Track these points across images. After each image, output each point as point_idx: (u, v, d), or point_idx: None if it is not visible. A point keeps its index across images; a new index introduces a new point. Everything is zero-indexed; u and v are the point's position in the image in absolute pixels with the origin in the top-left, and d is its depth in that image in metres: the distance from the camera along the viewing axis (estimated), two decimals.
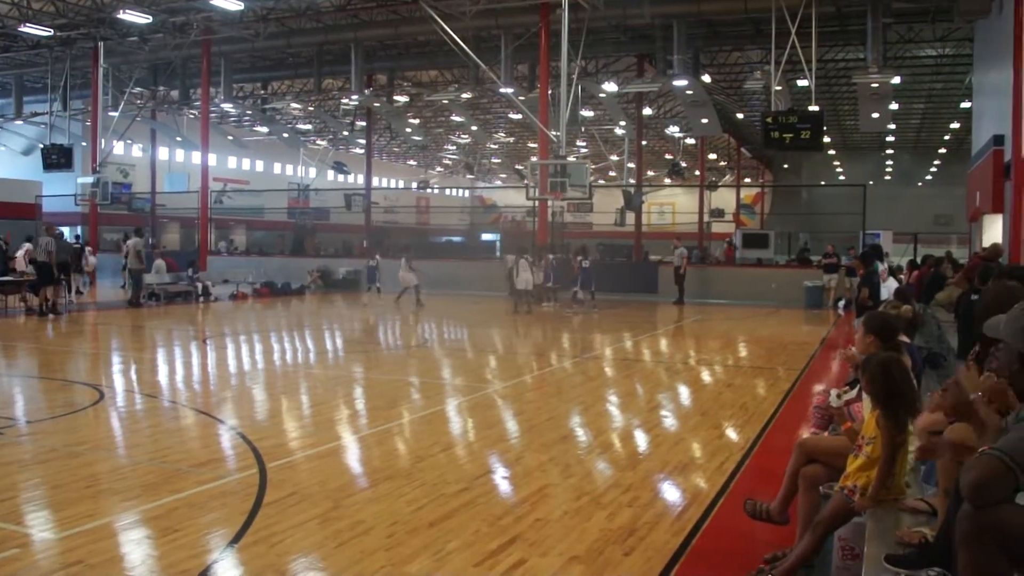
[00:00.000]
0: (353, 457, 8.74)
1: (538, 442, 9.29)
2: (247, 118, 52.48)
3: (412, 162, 75.09)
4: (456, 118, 49.88)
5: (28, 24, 31.90)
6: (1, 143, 46.88)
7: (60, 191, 41.37)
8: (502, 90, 31.53)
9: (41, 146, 40.11)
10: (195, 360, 16.37)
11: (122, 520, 6.54)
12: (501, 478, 7.94)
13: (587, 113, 41.01)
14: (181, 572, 5.47)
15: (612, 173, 67.44)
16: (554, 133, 26.59)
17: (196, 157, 41.82)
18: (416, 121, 53.35)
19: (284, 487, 7.25)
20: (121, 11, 29.24)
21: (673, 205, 64.16)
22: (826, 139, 45.75)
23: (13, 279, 24.65)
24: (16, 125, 45.03)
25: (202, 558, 5.81)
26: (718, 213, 56.39)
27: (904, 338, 6.51)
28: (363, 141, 53.75)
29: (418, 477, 7.71)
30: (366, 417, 10.83)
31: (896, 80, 29.76)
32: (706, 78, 34.31)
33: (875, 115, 33.77)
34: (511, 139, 61.40)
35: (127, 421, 10.59)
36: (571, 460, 8.54)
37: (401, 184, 70.19)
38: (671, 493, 7.52)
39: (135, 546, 6.08)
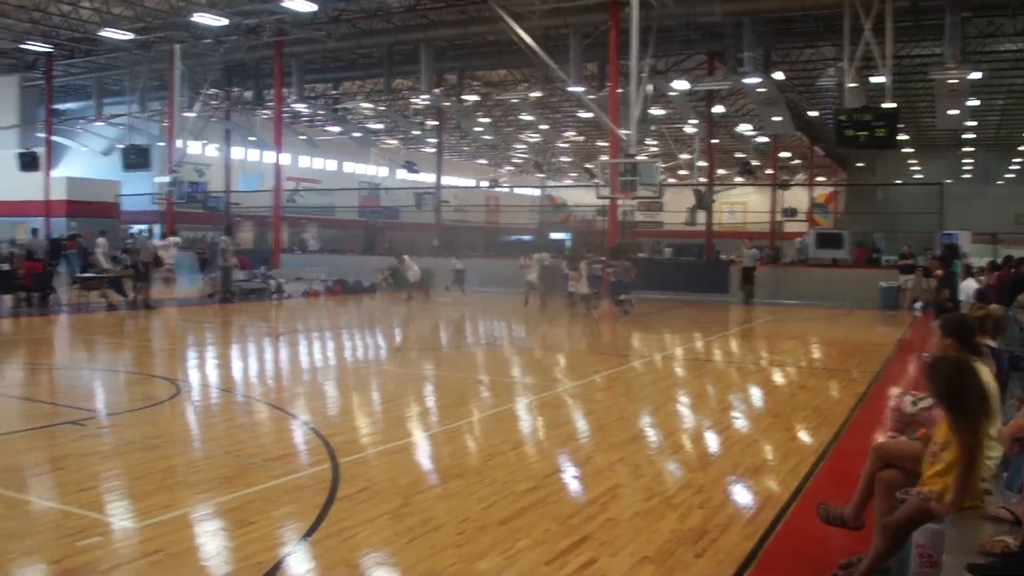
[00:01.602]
0: (423, 454, 8.79)
1: (608, 442, 9.26)
2: (319, 118, 53.04)
3: (482, 161, 75.30)
4: (526, 117, 49.96)
5: (108, 28, 32.76)
6: (82, 144, 48.03)
7: (138, 190, 42.30)
8: (571, 89, 31.45)
9: (120, 146, 41.12)
10: (268, 356, 16.62)
11: (198, 512, 6.67)
12: (571, 477, 7.93)
13: (657, 111, 40.73)
14: (256, 564, 5.56)
15: (683, 172, 67.03)
16: (624, 132, 26.46)
17: (269, 156, 42.41)
18: (486, 120, 53.49)
19: (356, 482, 7.32)
20: (196, 14, 29.85)
21: (744, 204, 63.45)
22: (902, 137, 44.92)
23: (95, 275, 25.24)
24: (97, 126, 46.13)
25: (276, 551, 5.90)
26: (790, 212, 55.64)
27: (989, 341, 6.36)
28: (433, 140, 54.13)
29: (488, 475, 7.73)
30: (436, 415, 10.88)
31: (975, 76, 29.04)
32: (778, 75, 33.85)
33: (953, 112, 33.00)
34: (581, 138, 61.22)
35: (203, 415, 10.79)
36: (641, 460, 8.50)
37: (471, 183, 70.40)
38: (743, 495, 7.44)
39: (211, 537, 6.20)
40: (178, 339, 19.54)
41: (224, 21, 30.87)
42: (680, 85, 34.64)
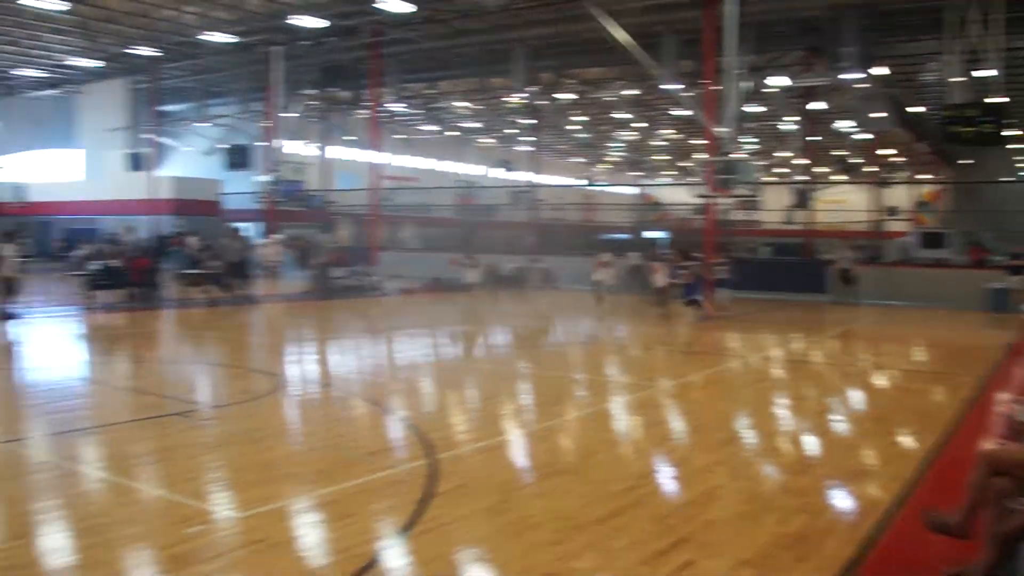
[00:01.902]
0: (520, 451, 8.82)
1: (705, 442, 9.17)
2: (415, 117, 53.57)
3: (577, 159, 75.18)
4: (621, 115, 49.69)
5: (211, 32, 33.65)
6: (186, 144, 49.33)
7: (239, 189, 43.29)
8: (666, 86, 31.19)
9: (223, 146, 42.14)
10: (366, 352, 16.85)
11: (299, 503, 6.80)
12: (668, 477, 7.88)
13: (754, 108, 40.12)
14: (354, 556, 5.65)
15: (780, 170, 65.92)
16: (721, 129, 26.15)
17: (367, 155, 42.97)
18: (581, 118, 53.36)
19: (453, 478, 7.38)
20: (295, 17, 30.44)
21: (844, 202, 62.12)
22: (1011, 132, 43.44)
23: (199, 271, 25.90)
24: (200, 127, 47.33)
25: (374, 544, 6.00)
26: (892, 211, 54.26)
27: None
28: (529, 138, 54.17)
29: (585, 473, 7.72)
30: (533, 412, 10.91)
31: None
32: (880, 70, 33.03)
33: None
34: (677, 135, 60.63)
35: (302, 409, 11.01)
36: (739, 462, 8.40)
37: (567, 181, 70.32)
38: (844, 500, 7.30)
39: (311, 528, 6.33)
40: (278, 334, 19.94)
41: (322, 23, 31.44)
42: (778, 81, 34.07)
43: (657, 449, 8.88)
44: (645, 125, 55.13)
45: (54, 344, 17.47)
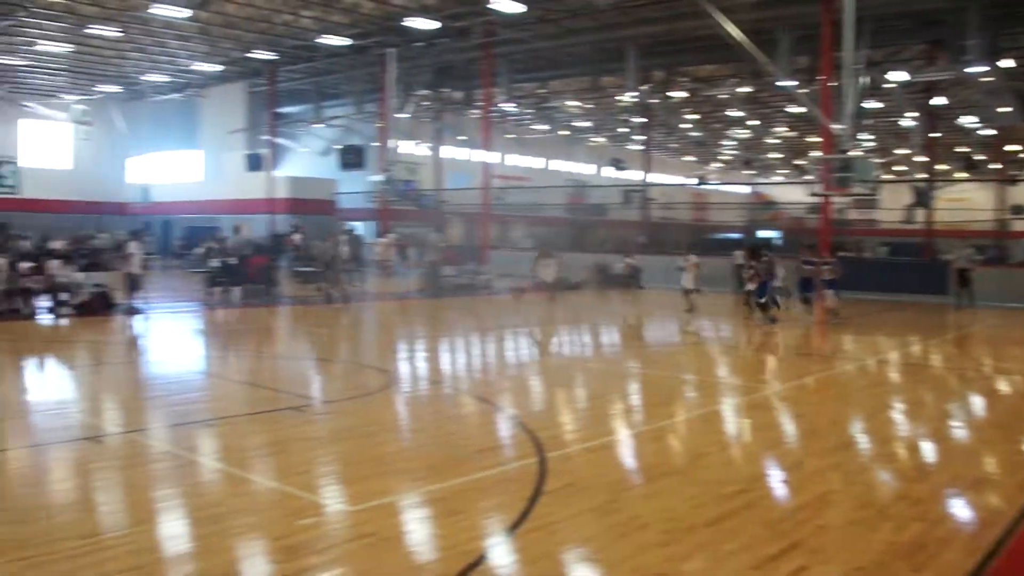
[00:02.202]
0: (630, 452, 8.76)
1: (819, 447, 8.98)
2: (527, 116, 53.76)
3: (689, 158, 74.45)
4: (734, 112, 49.02)
5: (327, 35, 34.37)
6: (303, 145, 50.44)
7: (354, 188, 44.08)
8: (781, 83, 30.64)
9: (337, 147, 42.97)
10: (476, 349, 16.98)
11: (409, 499, 6.89)
12: (780, 481, 7.73)
13: (872, 105, 39.09)
14: (463, 552, 5.69)
15: (900, 167, 64.11)
16: (837, 126, 25.55)
17: (479, 155, 43.31)
18: (693, 116, 52.82)
19: (562, 477, 7.38)
20: (409, 19, 30.86)
21: (967, 201, 60.09)
22: None
23: (313, 268, 26.46)
24: (316, 128, 48.35)
25: (483, 540, 6.03)
26: (1018, 210, 52.27)
27: None
28: (640, 137, 53.87)
29: (695, 475, 7.63)
30: (642, 413, 10.84)
31: None
32: (1006, 62, 31.80)
33: None
34: (791, 133, 59.54)
35: (413, 405, 11.15)
36: (854, 468, 8.20)
37: (678, 180, 69.67)
38: (964, 509, 7.05)
39: (421, 524, 6.40)
40: (389, 332, 20.23)
41: (435, 24, 31.83)
42: (898, 76, 33.14)
43: (769, 452, 8.72)
44: (758, 123, 54.27)
45: (175, 339, 18.12)
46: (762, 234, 52.83)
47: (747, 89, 39.49)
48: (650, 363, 15.56)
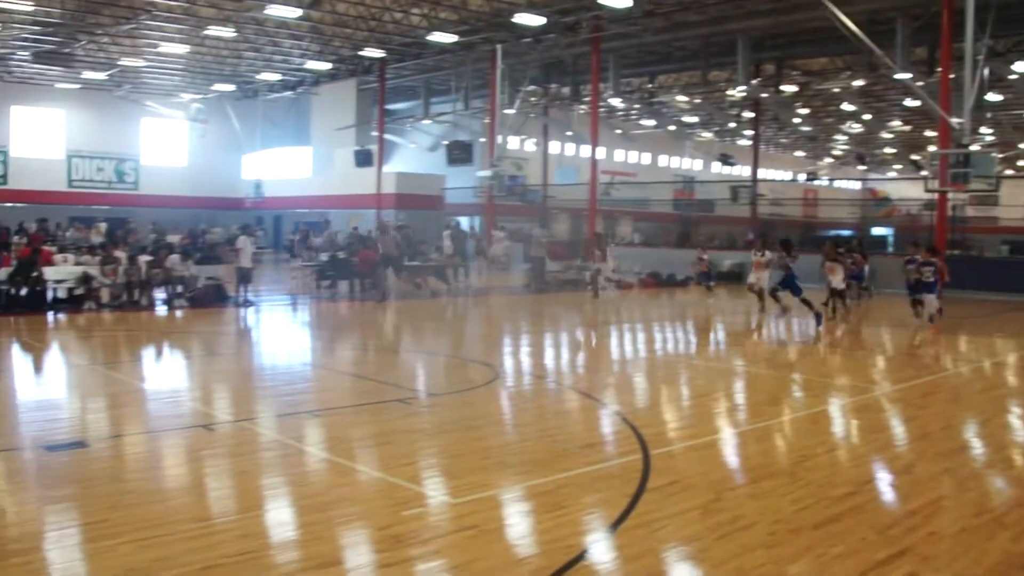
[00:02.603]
0: (734, 451, 8.63)
1: (932, 451, 8.70)
2: (634, 112, 53.43)
3: (800, 153, 73.02)
4: (847, 106, 47.86)
5: (435, 32, 34.73)
6: (411, 141, 51.05)
7: (461, 184, 44.44)
8: (898, 76, 29.78)
9: (445, 143, 43.35)
10: (581, 345, 16.94)
11: (512, 492, 6.91)
12: (890, 486, 7.51)
13: (994, 97, 37.74)
14: (565, 547, 5.68)
15: None
16: (956, 120, 24.74)
17: (585, 150, 43.23)
18: (805, 111, 51.77)
19: (666, 475, 7.31)
20: (517, 15, 30.96)
21: None
22: None
23: (421, 263, 26.77)
24: (423, 124, 48.89)
25: (585, 536, 6.02)
26: None
27: None
28: (750, 132, 53.05)
29: (802, 477, 7.47)
30: (747, 411, 10.67)
31: None
32: None
33: None
34: (907, 128, 57.88)
35: (518, 400, 11.19)
36: (968, 473, 7.91)
37: (788, 176, 68.42)
38: None
39: (523, 518, 6.41)
40: (495, 326, 20.33)
41: (543, 20, 31.85)
42: (1021, 67, 31.90)
43: (878, 455, 8.49)
44: (872, 117, 52.88)
45: (284, 331, 18.55)
46: (876, 231, 51.59)
47: (861, 82, 38.53)
48: (758, 361, 15.30)
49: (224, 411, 10.15)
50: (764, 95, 40.90)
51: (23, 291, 19.42)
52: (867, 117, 52.11)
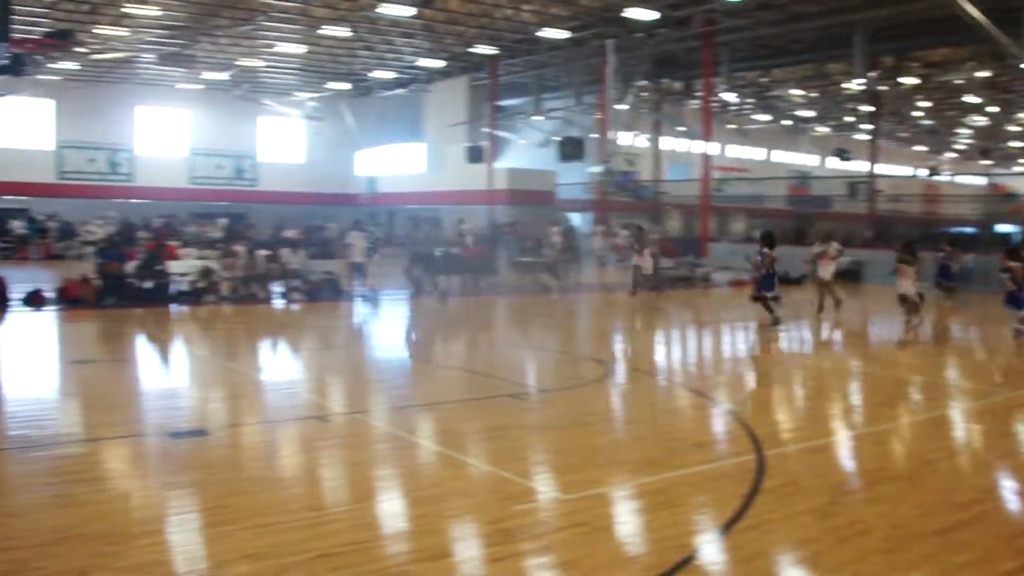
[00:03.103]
0: (851, 453, 8.42)
1: None
2: (748, 106, 52.63)
3: (920, 147, 70.89)
4: (971, 99, 46.29)
5: (547, 28, 34.76)
6: (522, 137, 51.21)
7: (573, 180, 44.38)
8: None
9: (557, 139, 43.35)
10: (692, 342, 16.78)
11: (623, 490, 6.87)
12: (1017, 494, 7.21)
13: None
14: (676, 547, 5.63)
15: None
16: None
17: (698, 146, 42.74)
18: (925, 103, 50.24)
19: (780, 476, 7.17)
20: (629, 10, 30.76)
21: None
22: None
23: (531, 260, 26.82)
24: (535, 120, 48.97)
25: (696, 536, 5.95)
26: None
27: None
28: (867, 126, 51.73)
29: (922, 482, 7.25)
30: (864, 413, 10.38)
31: None
32: None
33: None
34: None
35: (629, 396, 11.14)
36: None
37: (908, 171, 66.48)
38: None
39: (634, 516, 6.37)
40: (606, 322, 20.26)
41: (655, 15, 31.59)
42: None
43: (1005, 462, 8.16)
44: (998, 109, 51.02)
45: (396, 325, 18.82)
46: (1001, 228, 49.75)
47: (986, 73, 37.22)
48: (875, 361, 14.90)
49: (338, 403, 10.36)
50: (883, 88, 39.82)
51: (148, 284, 20.13)
52: (992, 109, 50.35)
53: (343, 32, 36.24)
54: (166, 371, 13.06)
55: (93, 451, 7.82)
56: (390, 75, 46.81)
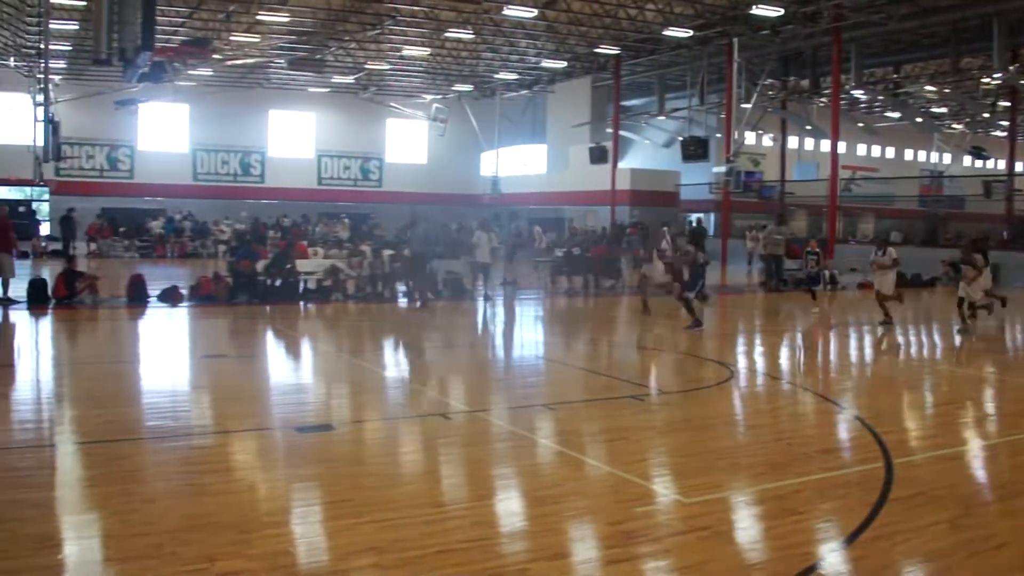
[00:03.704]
0: (984, 464, 8.12)
1: None
2: (878, 104, 51.18)
3: None
4: None
5: (671, 28, 34.48)
6: (645, 137, 50.90)
7: (696, 180, 43.92)
8: None
9: (680, 138, 42.96)
10: (818, 345, 16.42)
11: (745, 495, 6.77)
12: None
13: None
14: (800, 555, 5.52)
15: None
16: None
17: (825, 145, 41.78)
18: None
19: (910, 485, 6.94)
20: (755, 7, 30.27)
21: None
22: None
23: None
24: (658, 120, 48.64)
25: (820, 544, 5.83)
26: None
27: None
28: (1005, 123, 49.75)
29: None
30: (998, 422, 10.00)
31: None
32: None
33: None
34: None
35: (752, 400, 10.99)
36: None
37: None
38: None
39: (756, 522, 6.28)
40: (730, 324, 19.98)
41: (781, 11, 31.01)
42: None
43: None
44: None
45: (519, 325, 18.92)
46: None
47: None
48: (1010, 369, 14.33)
49: (460, 401, 10.48)
50: (1022, 82, 38.19)
51: (277, 282, 20.72)
52: None
53: (467, 35, 36.66)
54: (293, 367, 13.43)
55: (223, 443, 8.11)
56: (513, 76, 47.14)
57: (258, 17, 33.50)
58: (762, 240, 28.62)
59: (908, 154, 61.54)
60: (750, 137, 45.37)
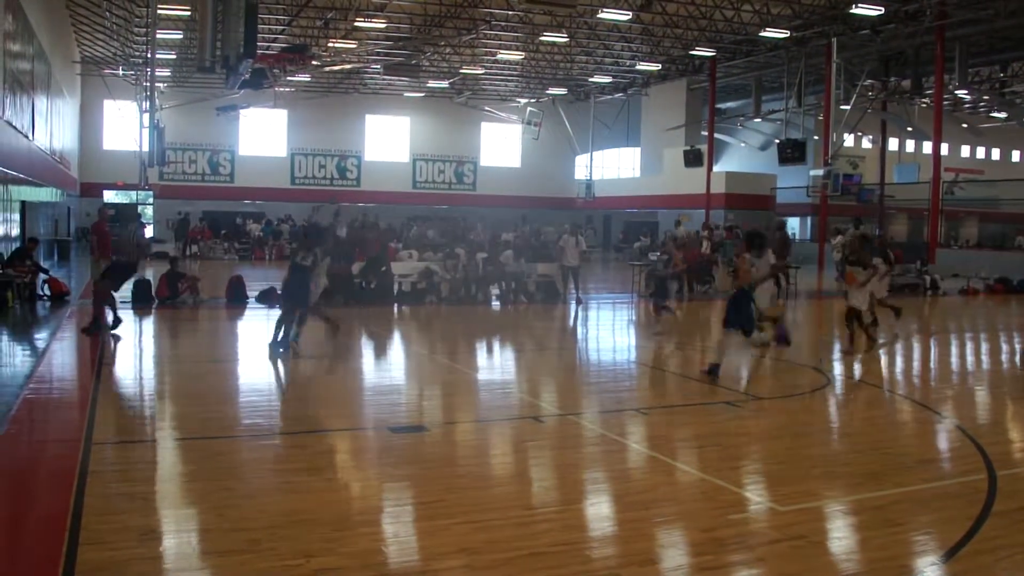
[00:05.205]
0: None
1: None
2: (983, 104, 49.76)
3: None
4: None
5: (768, 28, 34.01)
6: (741, 140, 50.29)
7: (793, 183, 43.23)
8: None
9: (776, 141, 42.33)
10: (918, 353, 16.02)
11: (841, 504, 6.62)
12: None
13: None
14: (897, 567, 5.39)
15: None
16: None
17: (927, 147, 40.78)
18: None
19: (1016, 498, 6.72)
20: (855, 6, 29.68)
21: None
22: None
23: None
24: (754, 123, 48.04)
25: (919, 557, 5.68)
26: None
27: None
28: None
29: None
30: None
31: None
32: None
33: None
34: None
35: (848, 408, 10.77)
36: None
37: None
38: None
39: (853, 532, 6.13)
40: (825, 330, 19.59)
41: (881, 10, 30.35)
42: None
43: None
44: None
45: (611, 328, 18.86)
46: None
47: None
48: None
49: (552, 404, 10.48)
50: None
51: (372, 284, 21.00)
52: None
53: (561, 39, 36.68)
54: (387, 368, 13.60)
55: (318, 441, 8.25)
56: (607, 80, 47.00)
57: (355, 23, 34.06)
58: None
59: (1015, 155, 59.67)
60: (849, 139, 44.46)
